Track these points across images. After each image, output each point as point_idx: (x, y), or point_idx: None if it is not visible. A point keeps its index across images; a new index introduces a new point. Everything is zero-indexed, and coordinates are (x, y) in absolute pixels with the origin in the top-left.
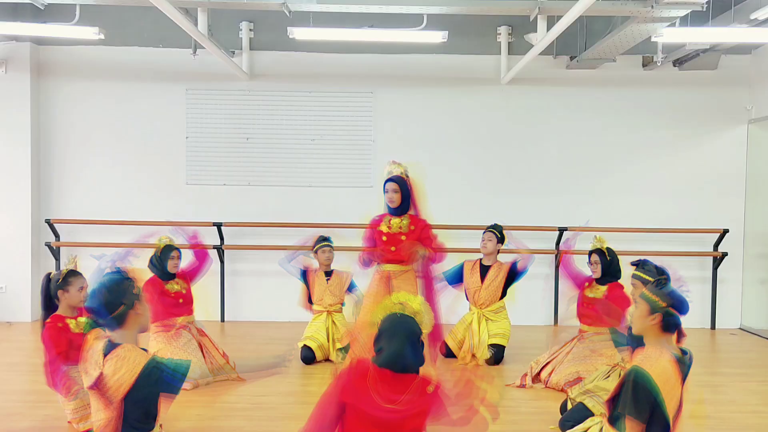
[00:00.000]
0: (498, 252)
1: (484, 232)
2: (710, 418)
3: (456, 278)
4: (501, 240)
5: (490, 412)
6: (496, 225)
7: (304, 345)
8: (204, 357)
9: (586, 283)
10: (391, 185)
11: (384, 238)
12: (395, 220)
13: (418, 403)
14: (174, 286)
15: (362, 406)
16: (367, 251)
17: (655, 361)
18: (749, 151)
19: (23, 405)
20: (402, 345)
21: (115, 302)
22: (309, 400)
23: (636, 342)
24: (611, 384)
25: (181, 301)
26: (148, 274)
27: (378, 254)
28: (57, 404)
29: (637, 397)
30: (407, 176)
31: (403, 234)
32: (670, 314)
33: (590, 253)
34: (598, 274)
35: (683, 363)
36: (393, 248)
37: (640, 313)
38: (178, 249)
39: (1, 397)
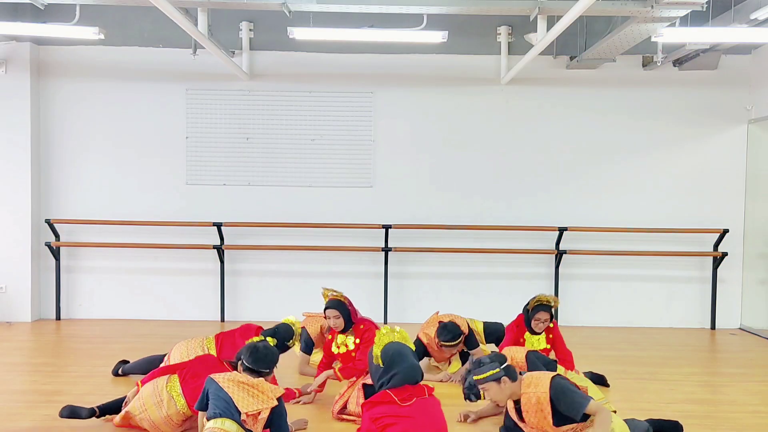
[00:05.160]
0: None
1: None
2: (710, 418)
3: None
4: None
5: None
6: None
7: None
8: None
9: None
10: (331, 311)
11: (339, 360)
12: (341, 338)
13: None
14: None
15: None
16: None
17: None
18: (749, 151)
19: (23, 405)
20: (412, 359)
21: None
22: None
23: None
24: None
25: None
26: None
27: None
28: (57, 404)
29: None
30: (343, 297)
31: (352, 351)
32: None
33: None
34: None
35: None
36: (338, 364)
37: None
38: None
39: (1, 397)
